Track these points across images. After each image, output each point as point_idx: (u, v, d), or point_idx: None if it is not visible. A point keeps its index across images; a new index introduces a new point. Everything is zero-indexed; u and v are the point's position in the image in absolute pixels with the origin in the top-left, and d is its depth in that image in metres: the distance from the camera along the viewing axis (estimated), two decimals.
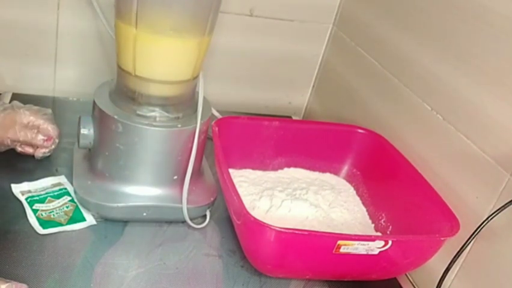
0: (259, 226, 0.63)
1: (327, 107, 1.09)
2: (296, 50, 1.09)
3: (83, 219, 0.74)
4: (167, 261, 0.71)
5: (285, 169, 0.89)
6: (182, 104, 0.75)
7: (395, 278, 0.77)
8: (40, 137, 0.80)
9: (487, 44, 0.69)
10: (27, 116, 0.79)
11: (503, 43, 0.66)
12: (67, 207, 0.75)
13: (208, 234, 0.78)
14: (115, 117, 0.71)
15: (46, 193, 0.77)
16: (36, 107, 0.81)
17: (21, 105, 0.81)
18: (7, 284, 0.58)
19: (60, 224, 0.72)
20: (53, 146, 0.81)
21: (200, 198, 0.77)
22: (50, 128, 0.80)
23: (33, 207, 0.74)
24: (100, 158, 0.75)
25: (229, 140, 0.80)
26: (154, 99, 0.73)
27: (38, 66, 0.99)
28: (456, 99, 0.73)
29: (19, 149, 0.80)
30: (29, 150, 0.81)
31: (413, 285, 0.78)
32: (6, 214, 0.72)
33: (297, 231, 0.63)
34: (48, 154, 0.82)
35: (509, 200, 0.60)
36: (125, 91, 0.74)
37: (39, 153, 0.81)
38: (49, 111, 0.83)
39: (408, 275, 0.79)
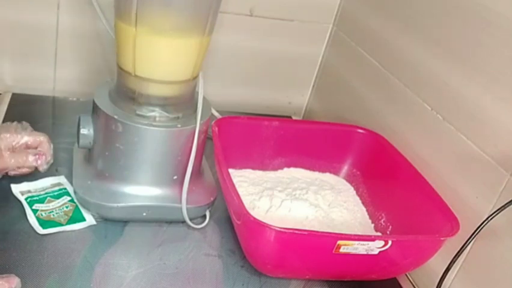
0: (259, 226, 0.63)
1: (327, 107, 1.09)
2: (296, 50, 1.09)
3: (83, 219, 0.74)
4: (167, 261, 0.71)
5: (285, 169, 0.89)
6: (182, 104, 0.75)
7: (395, 278, 0.77)
8: (31, 158, 0.74)
9: (487, 44, 0.69)
10: (8, 138, 0.73)
11: (503, 43, 0.66)
12: (67, 207, 0.75)
13: (208, 234, 0.78)
14: (115, 117, 0.71)
15: (46, 193, 0.77)
16: (6, 124, 0.76)
17: None
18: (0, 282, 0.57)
19: (60, 224, 0.72)
20: (49, 158, 0.76)
21: (200, 198, 0.77)
22: (38, 140, 0.75)
23: (33, 207, 0.74)
24: (100, 158, 0.75)
25: (229, 140, 0.80)
26: (153, 99, 0.73)
27: (38, 66, 0.99)
28: (456, 99, 0.73)
29: (12, 172, 0.75)
30: (23, 170, 0.75)
31: (413, 285, 0.78)
32: (6, 214, 0.72)
33: (297, 231, 0.63)
34: (52, 161, 0.77)
35: (509, 200, 0.60)
36: (125, 91, 0.74)
37: (42, 168, 0.76)
38: (25, 124, 0.77)
39: (408, 275, 0.79)
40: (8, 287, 0.57)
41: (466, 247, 0.64)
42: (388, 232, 0.79)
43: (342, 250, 0.64)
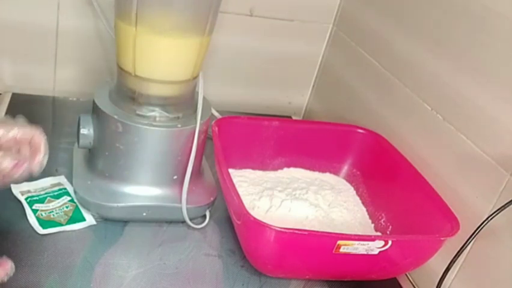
0: (259, 226, 0.63)
1: (327, 107, 1.09)
2: (296, 50, 1.09)
3: (83, 219, 0.74)
4: (167, 261, 0.71)
5: (285, 169, 0.89)
6: (182, 104, 0.75)
7: (395, 278, 0.77)
8: (6, 162, 0.53)
9: (487, 44, 0.69)
10: None
11: (503, 43, 0.66)
12: (67, 207, 0.75)
13: (208, 234, 0.78)
14: (115, 117, 0.71)
15: (46, 193, 0.77)
16: None
17: None
18: None
19: (60, 224, 0.72)
20: (43, 155, 0.56)
21: (200, 198, 0.77)
22: (29, 133, 0.55)
23: (33, 207, 0.74)
24: (99, 158, 0.75)
25: (229, 140, 0.80)
26: (154, 99, 0.73)
27: (38, 66, 0.99)
28: (456, 99, 0.73)
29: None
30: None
31: (413, 285, 0.78)
32: (6, 214, 0.72)
33: (297, 231, 0.63)
34: (47, 158, 0.57)
35: (509, 200, 0.60)
36: (125, 91, 0.74)
37: (36, 169, 0.56)
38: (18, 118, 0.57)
39: (408, 275, 0.79)
40: (4, 274, 0.56)
41: (466, 247, 0.64)
42: (388, 232, 0.79)
43: (342, 250, 0.64)
